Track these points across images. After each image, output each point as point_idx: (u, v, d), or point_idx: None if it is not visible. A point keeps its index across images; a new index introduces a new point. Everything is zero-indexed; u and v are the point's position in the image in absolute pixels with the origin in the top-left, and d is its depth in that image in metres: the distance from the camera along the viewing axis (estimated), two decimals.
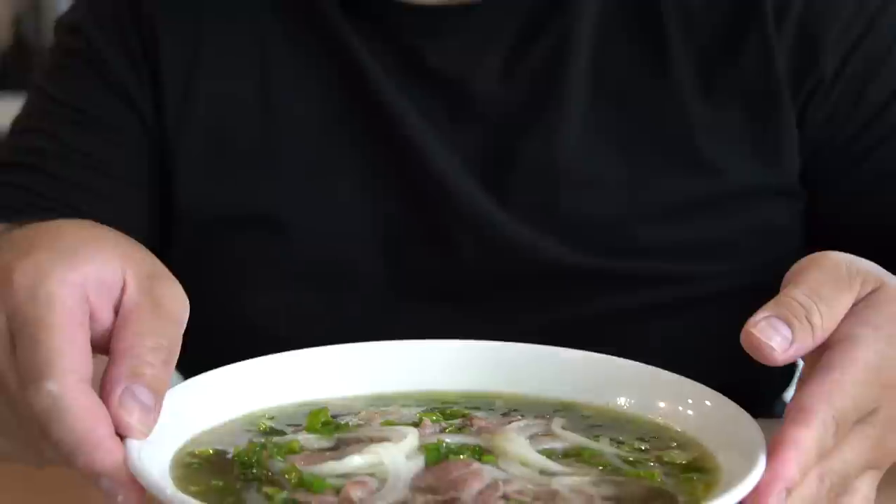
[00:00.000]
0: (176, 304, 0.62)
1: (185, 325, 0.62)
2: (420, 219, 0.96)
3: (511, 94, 0.96)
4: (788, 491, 0.58)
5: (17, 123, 1.01)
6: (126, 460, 0.57)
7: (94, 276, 0.61)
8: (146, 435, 0.58)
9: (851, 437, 0.62)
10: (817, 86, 0.95)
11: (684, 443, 0.66)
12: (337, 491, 0.58)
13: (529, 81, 0.96)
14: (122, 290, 0.61)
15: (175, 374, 0.63)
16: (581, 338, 0.75)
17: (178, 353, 0.61)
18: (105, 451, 0.56)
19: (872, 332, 0.63)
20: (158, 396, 0.59)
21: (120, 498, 0.57)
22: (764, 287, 0.68)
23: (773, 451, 0.59)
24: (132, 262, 0.63)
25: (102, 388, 0.59)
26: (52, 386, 0.56)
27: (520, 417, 0.68)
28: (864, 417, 0.63)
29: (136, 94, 0.99)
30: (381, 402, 0.71)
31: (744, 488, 0.57)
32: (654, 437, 0.67)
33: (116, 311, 0.62)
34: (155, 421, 0.59)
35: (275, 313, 0.71)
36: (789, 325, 0.62)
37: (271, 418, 0.68)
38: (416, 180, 0.96)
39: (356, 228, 0.97)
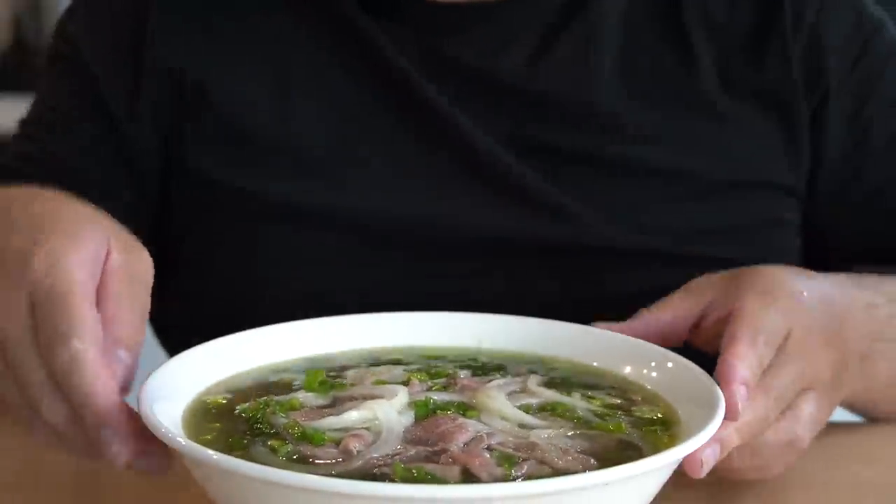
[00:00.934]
0: (146, 270, 0.71)
1: (151, 284, 0.71)
2: (462, 195, 0.97)
3: (538, 84, 0.99)
4: (747, 385, 0.69)
5: (19, 127, 1.04)
6: (140, 413, 0.63)
7: (94, 253, 0.69)
8: (128, 391, 0.66)
9: (782, 361, 0.74)
10: (825, 95, 1.00)
11: (649, 398, 0.72)
12: (336, 444, 0.64)
13: (557, 72, 0.99)
14: (107, 256, 0.70)
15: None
16: (600, 312, 0.82)
17: (148, 310, 0.70)
18: (106, 397, 0.63)
19: (756, 294, 0.77)
20: (135, 353, 0.68)
21: (114, 448, 0.64)
22: None
23: (720, 370, 0.70)
24: (114, 235, 0.72)
25: None
26: (77, 343, 0.63)
27: (499, 377, 0.74)
28: (784, 344, 0.74)
29: (120, 104, 1.00)
30: (374, 355, 0.78)
31: (704, 436, 0.63)
32: (622, 390, 0.73)
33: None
34: (133, 373, 0.67)
35: (305, 295, 0.78)
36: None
37: (276, 370, 0.76)
38: (453, 159, 0.97)
39: (392, 207, 0.97)
